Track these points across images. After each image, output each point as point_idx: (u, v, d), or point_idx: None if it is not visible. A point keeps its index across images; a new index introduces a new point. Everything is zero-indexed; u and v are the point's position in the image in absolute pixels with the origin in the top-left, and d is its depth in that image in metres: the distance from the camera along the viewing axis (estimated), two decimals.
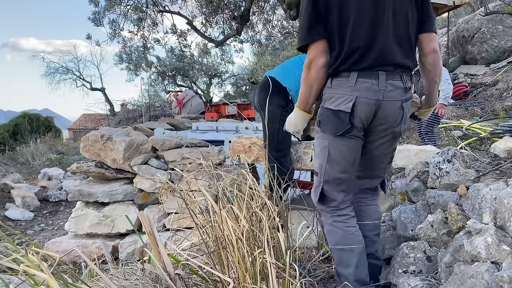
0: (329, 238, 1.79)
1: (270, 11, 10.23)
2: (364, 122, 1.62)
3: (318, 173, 1.74)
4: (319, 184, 1.73)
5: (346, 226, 1.74)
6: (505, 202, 1.45)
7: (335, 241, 1.74)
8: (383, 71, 1.58)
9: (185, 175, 1.91)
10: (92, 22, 9.18)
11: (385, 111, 1.61)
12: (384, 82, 1.58)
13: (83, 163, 3.50)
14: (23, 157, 10.72)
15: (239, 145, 2.87)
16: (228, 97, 22.00)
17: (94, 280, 1.71)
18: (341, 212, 1.75)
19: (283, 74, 2.62)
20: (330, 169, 1.70)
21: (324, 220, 1.80)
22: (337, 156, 1.68)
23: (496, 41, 9.37)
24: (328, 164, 1.69)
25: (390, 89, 1.59)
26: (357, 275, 1.68)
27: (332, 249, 1.77)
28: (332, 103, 1.61)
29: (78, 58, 24.36)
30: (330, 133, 1.65)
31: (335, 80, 1.61)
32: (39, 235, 4.87)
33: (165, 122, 9.30)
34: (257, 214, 1.60)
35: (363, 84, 1.57)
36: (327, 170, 1.70)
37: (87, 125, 26.13)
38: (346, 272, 1.70)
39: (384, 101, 1.59)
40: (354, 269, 1.68)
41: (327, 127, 1.66)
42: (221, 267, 1.55)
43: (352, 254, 1.70)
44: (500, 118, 5.23)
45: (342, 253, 1.72)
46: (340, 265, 1.74)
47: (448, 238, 1.81)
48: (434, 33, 1.68)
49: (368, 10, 1.56)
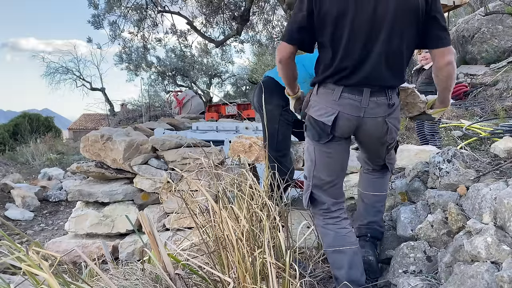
0: (323, 240, 1.82)
1: (270, 11, 10.23)
2: (346, 134, 1.68)
3: (307, 176, 1.77)
4: (308, 187, 1.76)
5: (337, 228, 1.75)
6: (505, 202, 1.45)
7: (327, 243, 1.77)
8: (368, 88, 1.62)
9: (185, 175, 1.92)
10: (92, 25, 9.17)
11: (367, 126, 1.67)
12: (368, 99, 1.61)
13: (83, 163, 3.50)
14: (23, 157, 10.72)
15: (239, 145, 2.87)
16: (228, 97, 21.99)
17: (94, 280, 1.71)
18: (333, 215, 1.77)
19: None
20: (318, 173, 1.73)
21: (317, 223, 1.82)
22: (323, 159, 1.72)
23: (496, 41, 9.37)
24: (315, 168, 1.73)
25: (372, 106, 1.63)
26: (350, 276, 1.69)
27: (326, 251, 1.79)
28: (315, 111, 1.68)
29: (78, 58, 24.39)
30: (312, 139, 1.71)
31: (321, 89, 1.68)
32: (39, 235, 4.87)
33: (165, 122, 9.29)
34: (257, 214, 1.60)
35: (346, 100, 1.62)
36: (315, 174, 1.74)
37: (87, 125, 26.13)
38: (339, 273, 1.71)
39: (366, 117, 1.64)
40: (347, 269, 1.70)
41: (310, 133, 1.72)
42: (221, 267, 1.55)
43: (344, 256, 1.71)
44: (500, 118, 5.23)
45: (334, 255, 1.74)
46: (334, 267, 1.76)
47: (448, 238, 1.81)
48: (446, 47, 1.64)
49: (362, 30, 1.57)
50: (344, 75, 1.61)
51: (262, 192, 1.77)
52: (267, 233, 1.44)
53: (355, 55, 1.58)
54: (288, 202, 2.04)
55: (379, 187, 2.04)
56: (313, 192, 1.75)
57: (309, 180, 1.76)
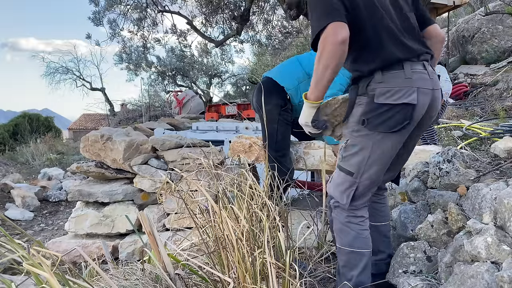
0: (340, 236, 1.70)
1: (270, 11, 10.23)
2: (422, 113, 1.57)
3: (354, 173, 1.62)
4: (354, 184, 1.63)
5: (360, 229, 1.67)
6: (505, 202, 1.46)
7: (347, 242, 1.67)
8: (426, 61, 1.59)
9: (185, 175, 1.92)
10: (92, 21, 9.19)
11: (435, 99, 1.59)
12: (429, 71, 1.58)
13: (83, 163, 3.50)
14: (23, 157, 10.72)
15: (239, 145, 2.87)
16: (228, 97, 21.99)
17: (94, 280, 1.71)
18: (358, 213, 1.68)
19: (280, 74, 2.62)
20: (370, 169, 1.61)
21: (337, 217, 1.70)
22: (380, 156, 1.60)
23: (496, 41, 9.37)
24: (368, 165, 1.60)
25: (434, 77, 1.60)
26: (360, 279, 1.65)
27: (341, 249, 1.69)
28: (390, 96, 1.51)
29: (78, 58, 24.38)
30: (384, 129, 1.53)
31: (387, 74, 1.53)
32: (39, 235, 4.87)
33: (165, 122, 9.29)
34: (257, 214, 1.60)
35: (418, 74, 1.53)
36: (366, 170, 1.61)
37: (87, 125, 26.13)
38: (350, 274, 1.66)
39: (434, 89, 1.58)
40: (360, 271, 1.65)
41: (380, 124, 1.53)
42: (221, 267, 1.55)
43: (362, 258, 1.65)
44: (500, 118, 5.23)
45: (351, 255, 1.66)
46: (346, 267, 1.68)
47: (448, 238, 1.81)
48: None
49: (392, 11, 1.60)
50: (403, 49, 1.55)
51: (262, 192, 1.77)
52: (267, 233, 1.44)
53: None
54: (288, 202, 2.04)
55: (388, 213, 1.93)
56: (359, 189, 1.63)
57: (356, 176, 1.62)
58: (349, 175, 1.63)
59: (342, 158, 1.66)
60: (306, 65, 2.61)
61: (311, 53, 2.72)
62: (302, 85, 2.58)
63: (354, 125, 1.60)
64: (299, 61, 2.67)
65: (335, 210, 1.71)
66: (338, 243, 1.71)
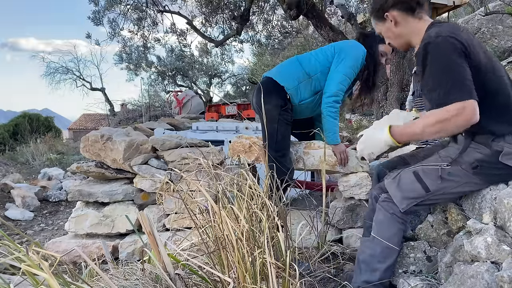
0: (379, 228, 1.72)
1: (270, 11, 10.23)
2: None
3: (431, 191, 1.66)
4: (420, 198, 1.67)
5: (401, 229, 1.72)
6: (505, 202, 1.45)
7: (386, 236, 1.70)
8: None
9: (185, 175, 1.92)
10: (92, 21, 9.18)
11: None
12: None
13: (83, 163, 3.50)
14: (23, 157, 10.72)
15: (239, 145, 2.87)
16: (228, 97, 21.99)
17: (94, 280, 1.71)
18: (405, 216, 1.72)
19: (280, 73, 2.62)
20: (445, 197, 1.71)
21: (383, 209, 1.73)
22: (461, 191, 1.68)
23: (496, 41, 9.38)
24: (445, 194, 1.67)
25: None
26: (386, 274, 1.69)
27: (376, 239, 1.71)
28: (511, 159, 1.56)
29: (78, 58, 24.37)
30: (483, 180, 1.63)
31: None
32: (39, 235, 4.86)
33: (165, 122, 9.29)
34: (257, 214, 1.60)
35: None
36: (439, 196, 1.68)
37: (87, 125, 26.14)
38: (377, 266, 1.69)
39: None
40: (387, 266, 1.69)
41: (485, 175, 1.62)
42: (221, 267, 1.55)
43: (393, 255, 1.70)
44: None
45: (386, 249, 1.69)
46: (376, 258, 1.70)
47: (448, 238, 1.81)
48: None
49: None
50: None
51: (261, 192, 1.76)
52: (266, 233, 1.44)
53: None
54: (287, 202, 2.04)
55: None
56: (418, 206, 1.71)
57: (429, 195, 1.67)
58: (424, 190, 1.66)
59: (427, 173, 1.68)
60: (306, 65, 2.61)
61: (311, 53, 2.72)
62: (302, 85, 2.58)
63: (464, 163, 1.63)
64: (299, 61, 2.66)
65: (383, 203, 1.74)
66: (375, 232, 1.73)
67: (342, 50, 2.56)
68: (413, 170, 1.71)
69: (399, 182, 1.71)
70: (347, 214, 2.63)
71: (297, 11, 5.08)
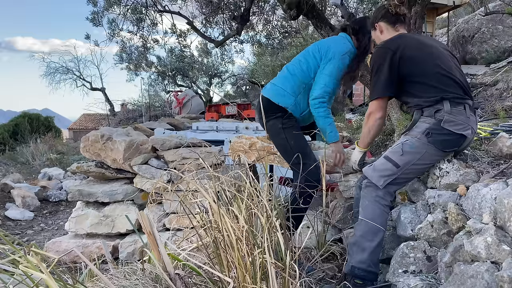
0: (365, 211, 1.96)
1: (270, 11, 10.22)
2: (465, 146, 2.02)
3: (401, 166, 1.95)
4: (394, 174, 1.96)
5: (384, 210, 1.96)
6: (505, 202, 1.45)
7: (371, 217, 1.92)
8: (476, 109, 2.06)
9: (184, 175, 1.91)
10: (91, 22, 9.15)
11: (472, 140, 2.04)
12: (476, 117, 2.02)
13: (83, 163, 3.50)
14: (23, 157, 10.71)
15: (239, 145, 2.87)
16: (228, 97, 21.98)
17: (94, 280, 1.71)
18: (386, 197, 1.98)
19: (277, 94, 2.52)
20: (411, 170, 1.98)
21: (366, 195, 2.00)
22: (423, 163, 1.99)
23: (496, 41, 9.36)
24: (412, 165, 1.96)
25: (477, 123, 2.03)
26: (375, 252, 1.87)
27: (363, 221, 1.94)
28: (453, 126, 1.90)
29: (78, 58, 24.33)
30: (438, 148, 1.93)
31: (455, 108, 1.92)
32: (39, 235, 4.86)
33: (165, 122, 9.28)
34: (256, 214, 1.60)
35: (473, 117, 1.97)
36: (408, 169, 1.96)
37: (87, 125, 26.12)
38: (366, 244, 1.87)
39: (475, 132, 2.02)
40: (376, 245, 1.88)
41: (438, 142, 1.92)
42: (221, 267, 1.55)
43: (379, 233, 1.90)
44: (500, 118, 5.22)
45: (372, 228, 1.89)
46: (364, 237, 1.89)
47: (448, 238, 1.81)
48: None
49: None
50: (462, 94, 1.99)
51: (261, 192, 1.76)
52: (266, 233, 1.44)
53: None
54: (287, 202, 2.04)
55: None
56: (396, 181, 1.98)
57: (400, 170, 1.95)
58: (395, 167, 1.96)
59: (393, 152, 1.99)
60: (299, 75, 2.52)
61: (300, 60, 2.58)
62: (300, 98, 2.52)
63: (417, 134, 1.97)
64: (290, 72, 2.58)
65: (365, 189, 2.03)
66: (361, 215, 1.98)
67: (329, 49, 2.52)
68: (384, 155, 2.05)
69: (374, 166, 2.05)
70: (347, 214, 2.63)
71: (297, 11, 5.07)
